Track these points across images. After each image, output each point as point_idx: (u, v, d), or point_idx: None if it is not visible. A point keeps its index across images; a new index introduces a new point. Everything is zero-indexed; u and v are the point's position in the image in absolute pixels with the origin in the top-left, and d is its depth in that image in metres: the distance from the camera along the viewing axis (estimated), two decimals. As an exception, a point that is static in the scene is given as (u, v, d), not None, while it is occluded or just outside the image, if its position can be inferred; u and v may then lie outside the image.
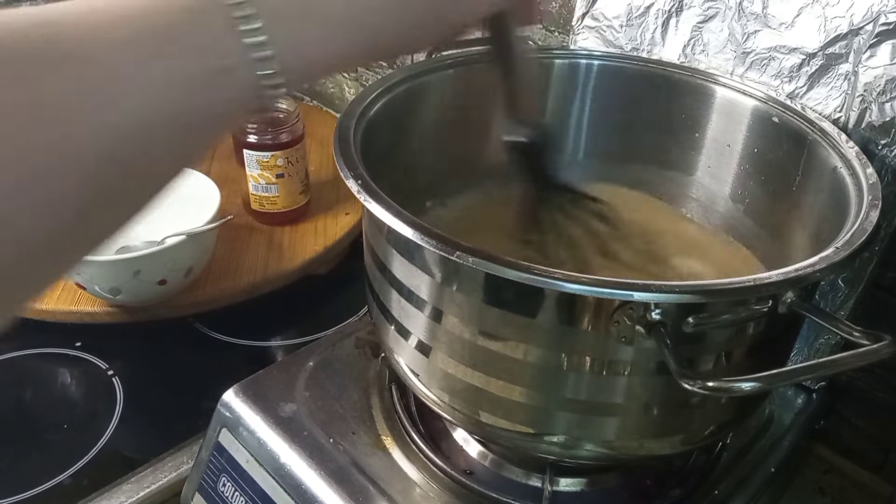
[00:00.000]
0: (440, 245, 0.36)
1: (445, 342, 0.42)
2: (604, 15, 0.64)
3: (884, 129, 0.50)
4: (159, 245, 0.70)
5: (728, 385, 0.33)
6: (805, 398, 0.59)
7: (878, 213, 0.40)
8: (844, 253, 0.37)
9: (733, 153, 0.57)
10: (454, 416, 0.46)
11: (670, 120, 0.60)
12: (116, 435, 0.65)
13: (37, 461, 0.62)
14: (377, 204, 0.39)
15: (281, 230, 0.86)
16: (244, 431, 0.54)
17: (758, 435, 0.56)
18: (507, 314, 0.39)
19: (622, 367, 0.39)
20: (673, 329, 0.35)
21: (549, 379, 0.40)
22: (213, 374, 0.71)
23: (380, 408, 0.56)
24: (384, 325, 0.47)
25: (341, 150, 0.43)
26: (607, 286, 0.34)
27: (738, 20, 0.57)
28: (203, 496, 0.55)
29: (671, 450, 0.45)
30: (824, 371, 0.42)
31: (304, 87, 0.35)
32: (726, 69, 0.58)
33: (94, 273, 0.69)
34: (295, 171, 0.83)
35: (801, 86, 0.55)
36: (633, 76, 0.60)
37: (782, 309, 0.37)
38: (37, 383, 0.70)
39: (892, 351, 0.33)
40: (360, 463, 0.51)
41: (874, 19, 0.50)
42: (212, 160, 0.98)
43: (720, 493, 0.51)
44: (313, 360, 0.60)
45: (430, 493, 0.50)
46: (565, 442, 0.42)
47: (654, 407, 0.41)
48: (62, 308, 0.73)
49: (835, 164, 0.47)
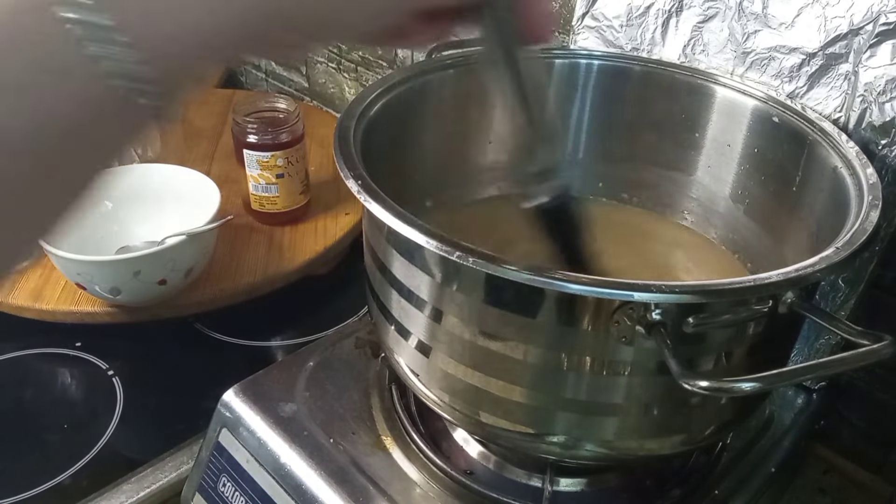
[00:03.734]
0: (440, 245, 0.36)
1: (445, 342, 0.42)
2: (604, 15, 0.64)
3: (884, 129, 0.50)
4: (159, 245, 0.70)
5: (728, 385, 0.33)
6: (805, 398, 0.59)
7: (878, 214, 0.40)
8: (844, 253, 0.37)
9: (733, 153, 0.57)
10: (454, 417, 0.46)
11: (670, 120, 0.60)
12: (116, 435, 0.65)
13: (37, 461, 0.62)
14: (377, 204, 0.39)
15: (281, 230, 0.86)
16: (244, 431, 0.54)
17: (758, 435, 0.56)
18: (507, 314, 0.39)
19: (622, 367, 0.39)
20: (673, 329, 0.35)
21: (550, 379, 0.40)
22: (213, 374, 0.71)
23: (380, 408, 0.56)
24: (384, 325, 0.47)
25: (341, 150, 0.43)
26: (607, 286, 0.34)
27: (738, 20, 0.57)
28: (203, 496, 0.55)
29: (671, 450, 0.45)
30: (824, 371, 0.42)
31: (199, 80, 0.27)
32: (726, 69, 0.58)
33: (94, 273, 0.69)
34: (295, 171, 0.83)
35: (801, 86, 0.55)
36: (633, 76, 0.60)
37: (782, 309, 0.37)
38: (37, 383, 0.70)
39: (892, 351, 0.33)
40: (360, 463, 0.51)
41: (874, 19, 0.50)
42: (212, 160, 0.98)
43: (720, 493, 0.51)
44: (313, 360, 0.60)
45: (430, 493, 0.50)
46: (565, 442, 0.42)
47: (654, 407, 0.41)
48: (62, 308, 0.73)
49: (835, 164, 0.47)
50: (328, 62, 1.09)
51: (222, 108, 1.10)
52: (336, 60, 1.07)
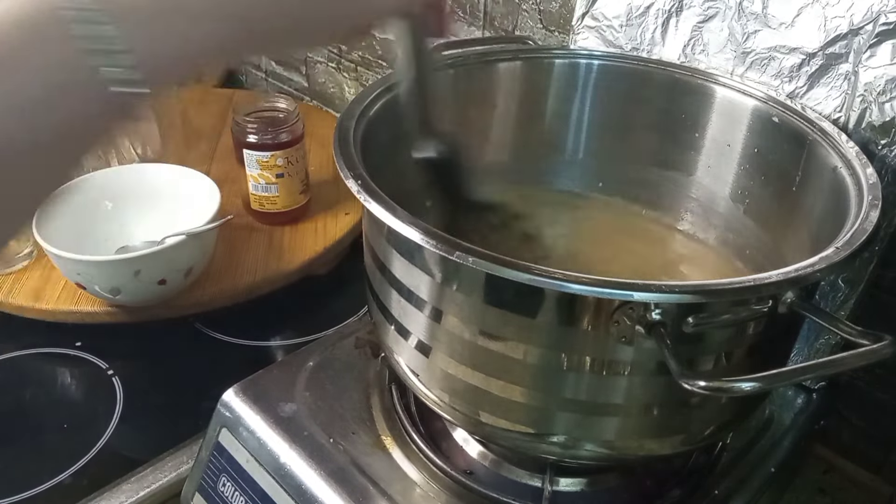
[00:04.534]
0: (440, 245, 0.36)
1: (445, 342, 0.42)
2: (604, 15, 0.64)
3: (884, 129, 0.50)
4: (159, 245, 0.70)
5: (728, 385, 0.33)
6: (805, 398, 0.59)
7: (878, 213, 0.40)
8: (844, 253, 0.37)
9: (733, 153, 0.57)
10: (454, 417, 0.46)
11: (670, 120, 0.60)
12: (116, 435, 0.65)
13: (37, 461, 0.62)
14: (377, 204, 0.39)
15: (281, 230, 0.86)
16: (244, 431, 0.54)
17: (758, 435, 0.56)
18: (507, 314, 0.39)
19: (622, 367, 0.39)
20: (673, 329, 0.35)
21: (549, 379, 0.40)
22: (213, 374, 0.71)
23: (380, 408, 0.56)
24: (384, 325, 0.47)
25: (341, 150, 0.43)
26: (607, 286, 0.34)
27: (738, 20, 0.57)
28: (203, 496, 0.55)
29: (671, 450, 0.45)
30: (824, 371, 0.42)
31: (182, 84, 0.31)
32: (726, 69, 0.58)
33: (94, 273, 0.69)
34: (295, 171, 0.83)
35: (801, 86, 0.55)
36: (633, 76, 0.60)
37: (782, 309, 0.37)
38: (37, 383, 0.70)
39: (892, 351, 0.33)
40: (360, 463, 0.51)
41: (874, 19, 0.50)
42: (212, 160, 0.98)
43: (720, 493, 0.51)
44: (313, 360, 0.60)
45: (430, 493, 0.50)
46: (565, 442, 0.42)
47: (653, 407, 0.41)
48: (62, 308, 0.73)
49: (835, 164, 0.47)
50: (328, 62, 1.09)
51: (222, 108, 1.10)
52: (336, 60, 1.07)
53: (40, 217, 0.71)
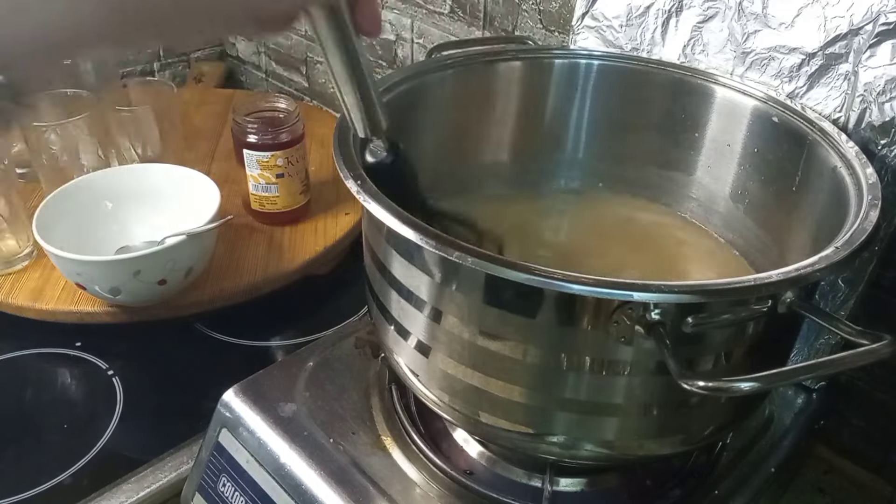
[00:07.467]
0: (440, 245, 0.36)
1: (445, 342, 0.42)
2: (604, 15, 0.64)
3: (884, 129, 0.50)
4: (159, 245, 0.70)
5: (727, 385, 0.33)
6: (805, 398, 0.59)
7: (877, 213, 0.40)
8: (844, 253, 0.37)
9: (733, 153, 0.57)
10: (454, 417, 0.46)
11: (670, 120, 0.60)
12: (116, 435, 0.65)
13: (37, 461, 0.62)
14: (377, 204, 0.39)
15: (281, 230, 0.86)
16: (244, 431, 0.54)
17: (758, 435, 0.56)
18: (506, 314, 0.39)
19: (621, 367, 0.39)
20: (672, 329, 0.35)
21: (549, 379, 0.40)
22: (213, 374, 0.71)
23: (380, 408, 0.56)
24: (384, 325, 0.47)
25: (341, 150, 0.43)
26: (607, 286, 0.34)
27: (737, 20, 0.57)
28: (203, 496, 0.55)
29: (671, 450, 0.45)
30: (824, 371, 0.41)
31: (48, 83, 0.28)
32: (726, 69, 0.58)
33: (94, 273, 0.69)
34: (295, 171, 0.83)
35: (801, 86, 0.55)
36: (633, 76, 0.60)
37: (782, 309, 0.37)
38: (37, 383, 0.70)
39: (892, 351, 0.33)
40: (360, 463, 0.51)
41: (874, 19, 0.50)
42: (212, 160, 0.99)
43: (720, 493, 0.51)
44: (313, 360, 0.60)
45: (430, 493, 0.50)
46: (565, 442, 0.42)
47: (653, 407, 0.41)
48: (62, 308, 0.73)
49: (835, 164, 0.47)
50: (328, 62, 1.09)
51: (222, 108, 1.10)
52: (336, 60, 1.07)
53: (40, 217, 0.71)
